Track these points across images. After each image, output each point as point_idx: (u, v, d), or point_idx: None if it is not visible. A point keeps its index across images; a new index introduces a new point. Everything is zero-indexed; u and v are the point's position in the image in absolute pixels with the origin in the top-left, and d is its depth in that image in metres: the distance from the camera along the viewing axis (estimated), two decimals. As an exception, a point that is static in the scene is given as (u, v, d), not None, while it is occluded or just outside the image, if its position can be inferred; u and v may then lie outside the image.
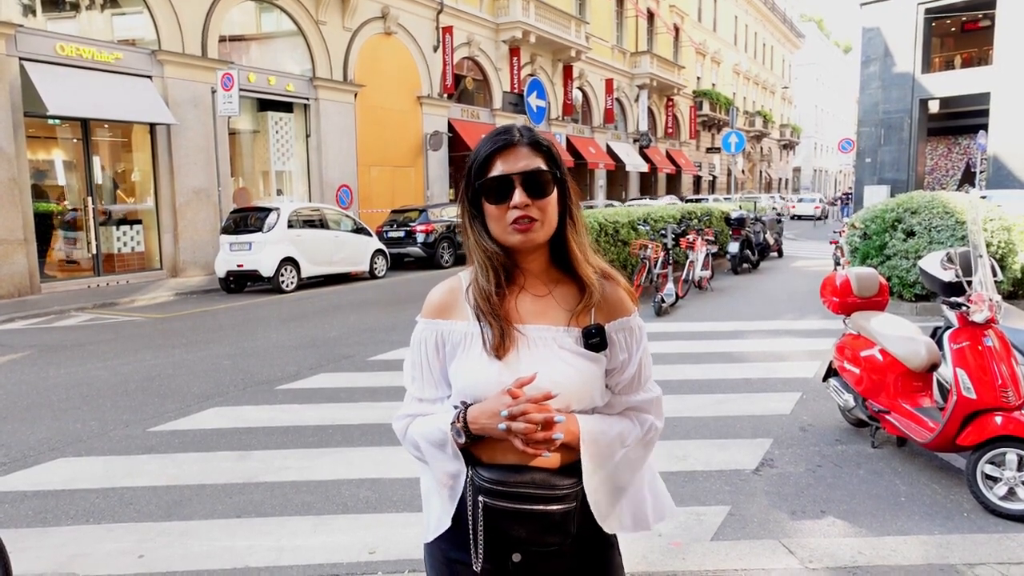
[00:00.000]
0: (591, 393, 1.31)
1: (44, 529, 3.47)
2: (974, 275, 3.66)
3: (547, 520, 1.25)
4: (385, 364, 6.78)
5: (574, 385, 1.28)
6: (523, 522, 1.25)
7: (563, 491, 1.25)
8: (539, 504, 1.24)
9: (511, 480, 1.25)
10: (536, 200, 1.27)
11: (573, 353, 1.30)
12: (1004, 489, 3.38)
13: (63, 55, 12.66)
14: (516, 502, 1.24)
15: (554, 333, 1.31)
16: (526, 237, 1.28)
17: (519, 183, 1.27)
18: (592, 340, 1.30)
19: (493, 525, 1.26)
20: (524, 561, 1.29)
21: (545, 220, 1.29)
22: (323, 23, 17.84)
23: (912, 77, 23.93)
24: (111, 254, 14.14)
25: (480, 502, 1.25)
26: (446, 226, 16.49)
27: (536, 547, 1.27)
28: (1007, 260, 8.16)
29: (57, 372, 6.75)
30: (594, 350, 1.30)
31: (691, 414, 5.03)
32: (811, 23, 74.09)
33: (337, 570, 3.01)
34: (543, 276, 1.36)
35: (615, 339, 1.33)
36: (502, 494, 1.24)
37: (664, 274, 10.00)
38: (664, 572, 2.84)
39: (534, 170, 1.28)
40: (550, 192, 1.29)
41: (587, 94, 30.70)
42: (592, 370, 1.31)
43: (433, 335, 1.37)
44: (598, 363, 1.31)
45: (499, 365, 1.29)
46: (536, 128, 1.41)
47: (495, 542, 1.27)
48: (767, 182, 54.82)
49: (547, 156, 1.31)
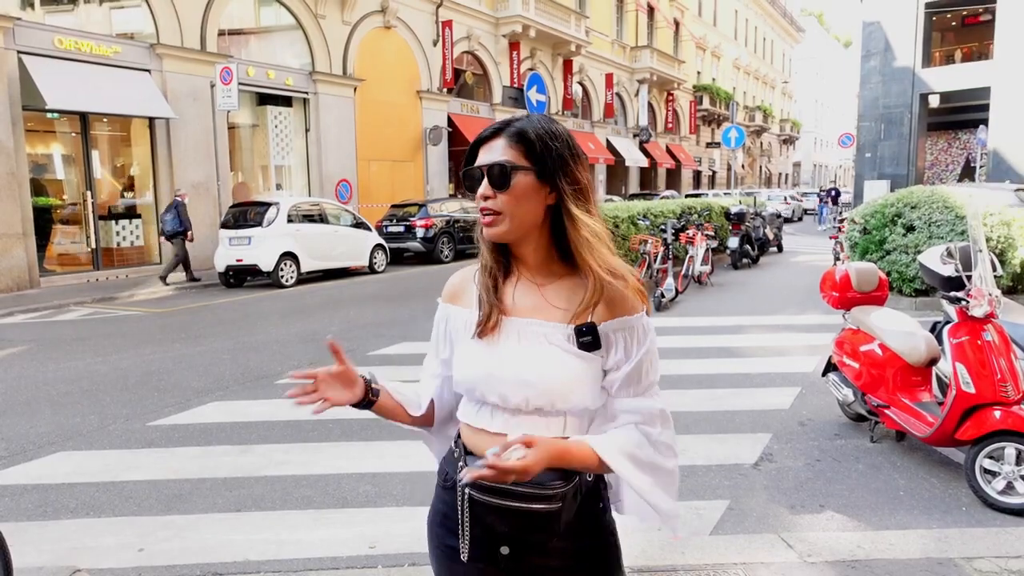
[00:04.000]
0: (579, 393, 1.26)
1: (44, 523, 3.47)
2: (974, 270, 3.66)
3: (530, 517, 1.24)
4: (385, 358, 6.78)
5: (558, 383, 1.24)
6: (506, 517, 1.25)
7: (547, 491, 1.23)
8: (521, 501, 1.23)
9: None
10: (500, 192, 1.24)
11: (563, 350, 1.25)
12: (1003, 483, 3.39)
13: (62, 49, 12.62)
14: (499, 497, 1.24)
15: (546, 329, 1.27)
16: (487, 231, 1.27)
17: (485, 173, 1.25)
18: (584, 339, 1.25)
19: (478, 518, 1.27)
20: (513, 554, 1.28)
21: (510, 214, 1.24)
22: (322, 17, 17.79)
23: (912, 71, 23.89)
24: (110, 248, 14.13)
25: (467, 494, 1.26)
26: (446, 221, 16.47)
27: (520, 543, 1.27)
28: (1007, 255, 8.16)
29: (57, 366, 6.75)
30: (586, 349, 1.25)
31: (690, 408, 5.03)
32: (811, 17, 73.93)
33: (337, 564, 3.01)
34: (542, 269, 1.31)
35: (612, 339, 1.26)
36: (486, 488, 1.23)
37: (664, 269, 10.00)
38: (663, 566, 2.85)
39: (495, 162, 1.24)
40: (508, 186, 1.23)
41: (587, 89, 30.64)
42: (582, 369, 1.25)
43: (445, 317, 1.41)
44: (590, 363, 1.26)
45: (483, 348, 1.29)
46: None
47: (481, 534, 1.28)
48: (767, 177, 54.77)
49: (527, 148, 1.24)
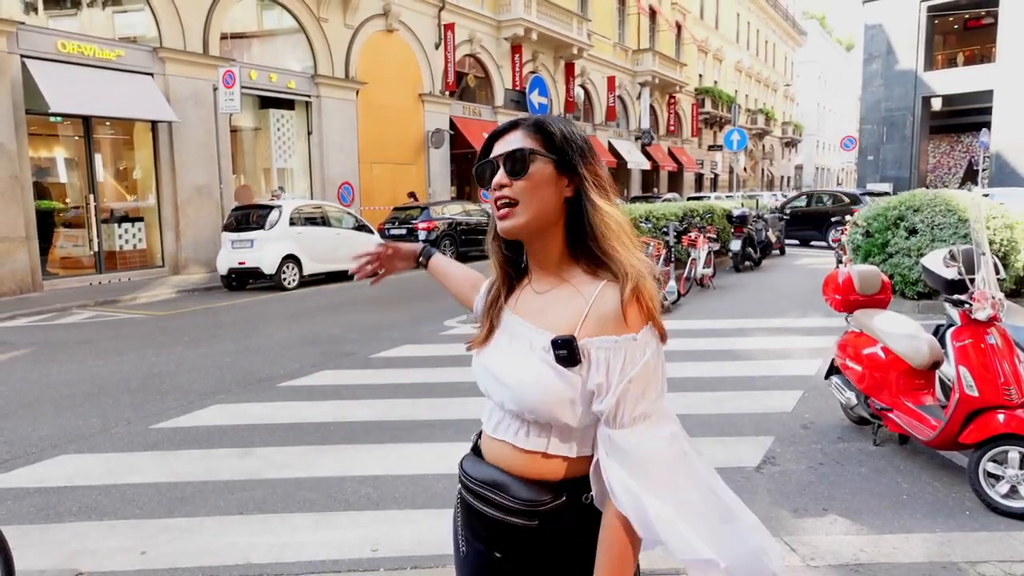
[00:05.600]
0: (556, 408, 1.13)
1: (46, 525, 3.47)
2: (977, 273, 3.65)
3: (507, 527, 1.18)
4: (387, 361, 6.78)
5: (531, 393, 1.15)
6: (483, 521, 1.22)
7: (518, 504, 1.16)
8: (496, 510, 1.18)
9: (475, 476, 1.24)
10: (516, 179, 1.17)
11: (540, 360, 1.15)
12: (1006, 487, 3.38)
13: (65, 52, 12.65)
14: (476, 500, 1.22)
15: (532, 334, 1.18)
16: (503, 224, 1.19)
17: (500, 163, 1.19)
18: (559, 352, 1.12)
19: (465, 518, 1.27)
20: (507, 557, 1.22)
21: (526, 204, 1.17)
22: (325, 20, 17.82)
23: (915, 74, 23.89)
24: (113, 251, 14.14)
25: (459, 493, 1.28)
26: (448, 223, 16.49)
27: (511, 551, 1.21)
28: (1010, 258, 8.15)
29: (59, 369, 6.75)
30: (563, 364, 1.12)
31: (693, 412, 5.02)
32: (813, 20, 73.88)
33: (339, 567, 3.01)
34: (553, 269, 1.22)
35: (594, 358, 1.11)
36: (467, 487, 1.23)
37: (666, 272, 9.99)
38: (665, 570, 2.84)
39: (513, 149, 1.18)
40: (526, 172, 1.16)
41: (589, 91, 30.66)
42: (556, 386, 1.12)
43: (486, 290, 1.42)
44: (566, 380, 1.12)
45: (478, 355, 1.29)
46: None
47: (468, 536, 1.28)
48: (769, 180, 54.73)
49: (546, 138, 1.19)
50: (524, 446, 1.19)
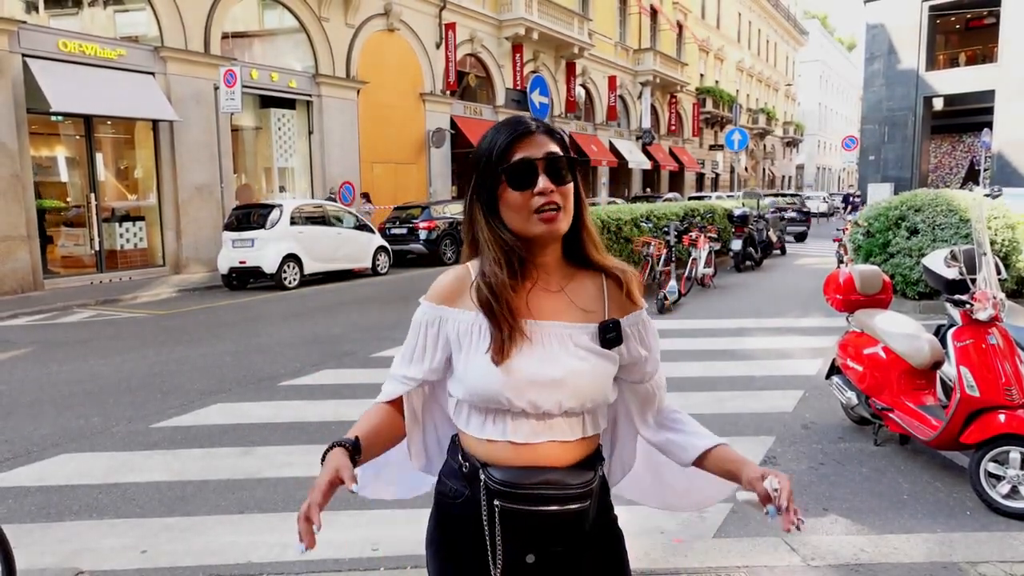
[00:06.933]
0: (604, 391, 1.30)
1: (47, 524, 3.48)
2: (978, 273, 3.65)
3: (563, 519, 1.24)
4: (388, 361, 6.76)
5: (588, 383, 1.26)
6: (539, 523, 1.24)
7: (577, 490, 1.25)
8: (555, 504, 1.23)
9: (526, 482, 1.23)
10: (558, 187, 1.25)
11: (588, 351, 1.27)
12: (1007, 487, 3.38)
13: (66, 52, 12.66)
14: (532, 504, 1.23)
15: (570, 330, 1.28)
16: (551, 227, 1.24)
17: (542, 168, 1.24)
18: (609, 335, 1.28)
19: (509, 528, 1.25)
20: (538, 562, 1.27)
21: (567, 208, 1.26)
22: (326, 20, 17.83)
23: (916, 74, 23.88)
24: (114, 250, 14.16)
25: (496, 506, 1.24)
26: (449, 223, 16.48)
27: (552, 547, 1.26)
28: (1011, 258, 8.14)
29: (60, 368, 6.76)
30: (610, 346, 1.29)
31: (694, 411, 4.97)
32: (814, 20, 73.80)
33: (340, 566, 3.01)
34: (557, 271, 1.32)
35: (630, 333, 1.32)
36: (518, 496, 1.22)
37: (667, 271, 10.00)
38: (666, 569, 2.84)
39: (556, 155, 1.25)
40: (569, 179, 1.27)
41: (590, 91, 30.65)
42: (606, 367, 1.29)
43: (436, 320, 1.31)
44: (611, 360, 1.30)
45: (507, 363, 1.23)
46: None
47: (510, 545, 1.26)
48: (770, 179, 54.72)
49: (561, 144, 1.28)
50: (568, 438, 1.28)
